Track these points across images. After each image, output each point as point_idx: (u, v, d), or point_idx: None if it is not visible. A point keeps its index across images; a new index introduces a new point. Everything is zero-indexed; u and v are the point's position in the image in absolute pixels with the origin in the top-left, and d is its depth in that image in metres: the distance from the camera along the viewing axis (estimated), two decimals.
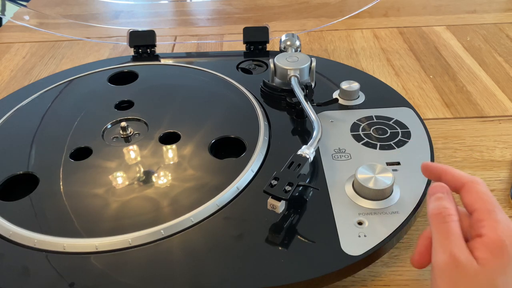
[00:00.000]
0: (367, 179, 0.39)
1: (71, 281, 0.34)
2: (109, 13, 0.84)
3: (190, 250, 0.36)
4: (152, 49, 0.66)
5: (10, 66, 0.73)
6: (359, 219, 0.38)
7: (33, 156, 0.46)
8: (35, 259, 0.36)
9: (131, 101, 0.53)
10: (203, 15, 0.85)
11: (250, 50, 0.66)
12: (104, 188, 0.42)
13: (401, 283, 0.38)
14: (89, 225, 0.38)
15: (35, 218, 0.39)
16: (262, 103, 0.53)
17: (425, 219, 0.43)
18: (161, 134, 0.48)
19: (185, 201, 0.40)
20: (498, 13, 0.85)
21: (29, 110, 0.53)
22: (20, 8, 0.71)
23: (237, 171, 0.42)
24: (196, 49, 0.77)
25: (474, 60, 0.70)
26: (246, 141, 0.46)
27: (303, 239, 0.36)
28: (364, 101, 0.52)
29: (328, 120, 0.49)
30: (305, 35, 0.79)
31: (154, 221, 0.38)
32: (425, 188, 0.40)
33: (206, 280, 0.34)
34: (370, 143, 0.46)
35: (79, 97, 0.56)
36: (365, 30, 0.80)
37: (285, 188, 0.36)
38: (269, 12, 0.78)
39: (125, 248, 0.36)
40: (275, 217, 0.38)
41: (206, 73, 0.59)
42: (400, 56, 0.72)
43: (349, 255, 0.35)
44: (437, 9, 0.87)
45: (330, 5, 0.75)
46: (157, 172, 0.43)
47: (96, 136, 0.48)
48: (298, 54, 0.55)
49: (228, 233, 0.37)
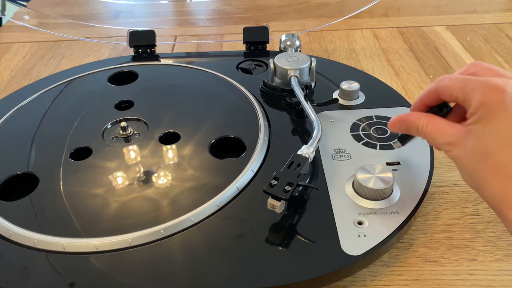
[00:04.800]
0: (367, 179, 0.39)
1: (71, 281, 0.34)
2: (109, 13, 0.84)
3: (190, 250, 0.36)
4: (152, 49, 0.66)
5: (10, 66, 0.73)
6: (359, 219, 0.38)
7: (33, 156, 0.46)
8: (35, 259, 0.36)
9: (131, 101, 0.53)
10: (203, 15, 0.85)
11: (250, 50, 0.66)
12: (104, 188, 0.42)
13: (401, 283, 0.38)
14: (89, 225, 0.38)
15: (35, 218, 0.39)
16: (262, 103, 0.53)
17: (425, 219, 0.43)
18: (161, 134, 0.48)
19: (185, 201, 0.40)
20: (498, 13, 0.85)
21: (29, 110, 0.53)
22: (20, 8, 0.71)
23: (237, 171, 0.42)
24: (196, 49, 0.77)
25: (474, 60, 0.70)
26: (246, 141, 0.46)
27: (303, 239, 0.36)
28: (364, 101, 0.52)
29: (328, 120, 0.49)
30: (305, 35, 0.79)
31: (154, 221, 0.38)
32: (425, 188, 0.40)
33: (206, 280, 0.34)
34: (370, 143, 0.46)
35: (79, 97, 0.56)
36: (365, 30, 0.80)
37: (285, 188, 0.36)
38: (269, 12, 0.78)
39: (125, 248, 0.36)
40: (275, 217, 0.38)
41: (206, 73, 0.59)
42: (400, 56, 0.72)
43: (349, 255, 0.35)
44: (437, 9, 0.87)
45: (330, 5, 0.75)
46: (157, 172, 0.43)
47: (96, 136, 0.48)
48: (298, 54, 0.55)
49: (228, 233, 0.37)
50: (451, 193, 0.46)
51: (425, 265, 0.39)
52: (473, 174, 0.32)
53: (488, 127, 0.31)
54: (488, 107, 0.31)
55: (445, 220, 0.43)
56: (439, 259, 0.39)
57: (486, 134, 0.31)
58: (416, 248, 0.40)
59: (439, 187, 0.46)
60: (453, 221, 0.43)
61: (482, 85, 0.32)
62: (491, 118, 0.31)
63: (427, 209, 0.44)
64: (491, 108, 0.31)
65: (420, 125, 0.36)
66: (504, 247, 0.40)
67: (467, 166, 0.33)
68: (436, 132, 0.35)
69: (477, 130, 0.32)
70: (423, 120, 0.35)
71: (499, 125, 0.30)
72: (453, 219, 0.43)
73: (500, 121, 0.30)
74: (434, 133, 0.35)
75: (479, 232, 0.41)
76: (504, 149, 0.30)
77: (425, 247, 0.40)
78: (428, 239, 0.41)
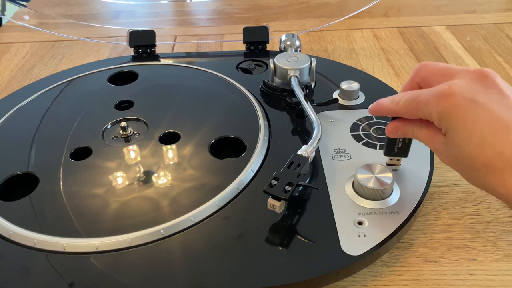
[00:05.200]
0: (367, 179, 0.39)
1: (71, 281, 0.34)
2: (109, 13, 0.84)
3: (190, 250, 0.36)
4: (152, 49, 0.66)
5: (10, 66, 0.73)
6: (359, 219, 0.38)
7: (33, 156, 0.46)
8: (35, 259, 0.36)
9: (131, 101, 0.53)
10: (203, 15, 0.85)
11: (250, 50, 0.66)
12: (104, 188, 0.42)
13: (401, 283, 0.38)
14: (89, 225, 0.38)
15: (35, 218, 0.39)
16: (262, 103, 0.53)
17: (425, 219, 0.43)
18: (161, 134, 0.48)
19: (185, 201, 0.40)
20: (498, 13, 0.85)
21: (29, 110, 0.53)
22: (20, 8, 0.71)
23: (237, 171, 0.42)
24: (196, 49, 0.77)
25: (474, 60, 0.70)
26: (246, 141, 0.46)
27: (303, 239, 0.36)
28: (364, 101, 0.52)
29: (328, 120, 0.49)
30: (305, 35, 0.79)
31: (154, 221, 0.38)
32: (425, 188, 0.40)
33: (206, 280, 0.34)
34: (370, 143, 0.46)
35: (79, 97, 0.56)
36: (365, 30, 0.80)
37: (285, 188, 0.36)
38: (269, 12, 0.78)
39: (125, 248, 0.36)
40: (275, 217, 0.38)
41: (206, 73, 0.59)
42: (400, 56, 0.72)
43: (349, 255, 0.35)
44: (437, 9, 0.87)
45: (330, 5, 0.75)
46: (157, 172, 0.43)
47: (96, 136, 0.48)
48: (298, 54, 0.55)
49: (228, 233, 0.37)
50: (451, 193, 0.46)
51: (425, 265, 0.39)
52: (470, 179, 0.32)
53: (458, 134, 0.31)
54: (446, 115, 0.31)
55: (445, 220, 0.43)
56: (439, 259, 0.39)
57: (460, 141, 0.31)
58: (416, 248, 0.40)
59: (439, 187, 0.46)
60: (453, 221, 0.43)
61: (432, 98, 0.32)
62: (455, 124, 0.31)
63: (427, 209, 0.44)
64: (449, 115, 0.31)
65: (415, 131, 0.36)
66: (504, 247, 0.40)
67: (460, 171, 0.33)
68: (427, 140, 0.35)
69: (450, 140, 0.32)
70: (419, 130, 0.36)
71: (465, 128, 0.30)
72: (453, 219, 0.43)
73: (462, 124, 0.31)
74: (426, 141, 0.35)
75: (479, 232, 0.41)
76: (483, 147, 0.30)
77: (425, 247, 0.40)
78: (428, 239, 0.41)
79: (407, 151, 0.41)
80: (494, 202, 0.44)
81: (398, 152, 0.41)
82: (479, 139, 0.30)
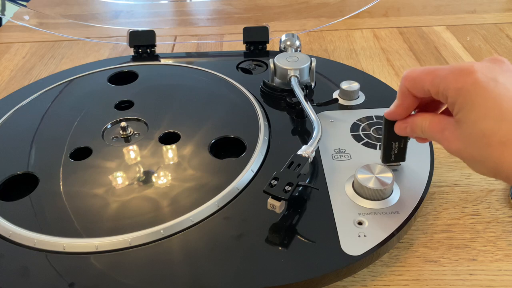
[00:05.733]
0: (367, 179, 0.39)
1: (71, 281, 0.34)
2: (109, 13, 0.84)
3: (190, 250, 0.36)
4: (152, 49, 0.66)
5: (10, 66, 0.73)
6: (359, 219, 0.38)
7: (33, 156, 0.46)
8: (35, 259, 0.36)
9: (131, 101, 0.53)
10: (203, 15, 0.85)
11: (250, 50, 0.66)
12: (104, 188, 0.42)
13: (401, 283, 0.38)
14: (89, 225, 0.38)
15: (35, 218, 0.39)
16: (262, 103, 0.53)
17: (425, 219, 0.43)
18: (161, 134, 0.48)
19: (185, 201, 0.40)
20: (498, 13, 0.85)
21: (29, 110, 0.53)
22: (20, 8, 0.71)
23: (237, 171, 0.42)
24: (196, 49, 0.77)
25: (474, 60, 0.70)
26: (246, 141, 0.46)
27: (303, 239, 0.36)
28: (364, 101, 0.52)
29: (328, 120, 0.49)
30: (305, 35, 0.79)
31: (154, 221, 0.38)
32: (425, 188, 0.40)
33: (206, 280, 0.34)
34: (370, 143, 0.46)
35: (79, 97, 0.56)
36: (365, 30, 0.80)
37: (285, 188, 0.36)
38: (269, 12, 0.78)
39: (125, 248, 0.36)
40: (275, 217, 0.38)
41: (206, 73, 0.59)
42: (400, 56, 0.72)
43: (349, 255, 0.35)
44: (437, 9, 0.87)
45: (330, 5, 0.75)
46: (157, 172, 0.43)
47: (96, 136, 0.48)
48: (298, 54, 0.55)
49: (228, 233, 0.37)
50: (451, 193, 0.46)
51: (425, 265, 0.39)
52: (482, 160, 0.31)
53: (475, 110, 0.31)
54: (465, 91, 0.31)
55: (445, 220, 0.43)
56: (439, 259, 0.39)
57: (476, 117, 0.31)
58: (416, 248, 0.40)
59: (439, 187, 0.46)
60: (453, 221, 0.43)
61: (451, 73, 0.32)
62: (475, 99, 0.30)
63: (427, 209, 0.44)
64: (468, 91, 0.31)
65: (423, 124, 0.35)
66: (504, 247, 0.40)
67: (472, 155, 0.32)
68: (435, 127, 0.34)
69: (465, 117, 0.31)
70: (425, 121, 0.35)
71: (485, 104, 0.30)
72: (453, 219, 0.43)
73: (482, 100, 0.30)
74: (434, 129, 0.35)
75: (479, 232, 0.41)
76: (501, 123, 0.30)
77: (425, 247, 0.40)
78: (428, 239, 0.41)
79: (403, 156, 0.41)
80: (494, 202, 0.44)
81: (395, 158, 0.41)
82: (498, 114, 0.30)
